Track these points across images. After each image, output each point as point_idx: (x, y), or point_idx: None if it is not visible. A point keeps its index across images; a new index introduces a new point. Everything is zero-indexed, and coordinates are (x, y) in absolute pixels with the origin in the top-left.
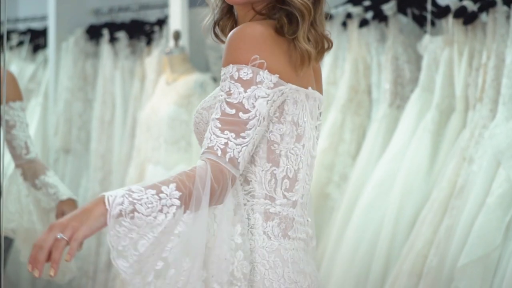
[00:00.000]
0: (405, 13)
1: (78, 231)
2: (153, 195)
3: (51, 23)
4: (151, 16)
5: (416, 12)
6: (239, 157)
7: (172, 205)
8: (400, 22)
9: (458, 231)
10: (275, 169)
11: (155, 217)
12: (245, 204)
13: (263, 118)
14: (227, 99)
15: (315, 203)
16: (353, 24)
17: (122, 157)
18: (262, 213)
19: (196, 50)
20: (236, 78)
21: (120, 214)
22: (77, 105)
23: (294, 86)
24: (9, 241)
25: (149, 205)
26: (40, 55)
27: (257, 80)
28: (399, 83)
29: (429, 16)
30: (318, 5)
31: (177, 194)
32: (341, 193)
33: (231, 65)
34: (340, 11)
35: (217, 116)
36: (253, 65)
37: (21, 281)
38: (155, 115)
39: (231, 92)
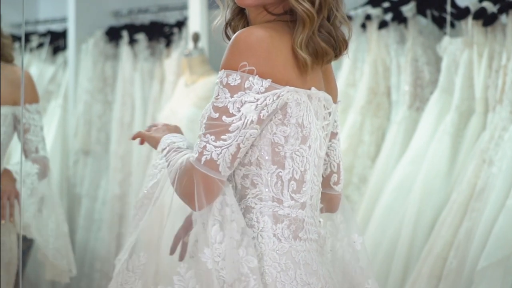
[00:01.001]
0: (424, 15)
1: None
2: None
3: (71, 25)
4: (171, 18)
5: (436, 13)
6: (218, 159)
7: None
8: (419, 24)
9: (478, 234)
10: (280, 171)
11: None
12: (253, 208)
13: (251, 122)
14: (214, 103)
15: None
16: (372, 26)
17: (141, 158)
18: (271, 215)
19: (215, 52)
20: (224, 83)
21: None
22: (96, 106)
23: (292, 88)
24: (29, 242)
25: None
26: (60, 57)
27: (245, 86)
28: (418, 85)
29: (448, 18)
30: (321, 12)
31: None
32: (361, 195)
33: (223, 70)
34: (359, 13)
35: (204, 120)
36: (243, 71)
37: (40, 282)
38: (174, 117)
39: (219, 96)
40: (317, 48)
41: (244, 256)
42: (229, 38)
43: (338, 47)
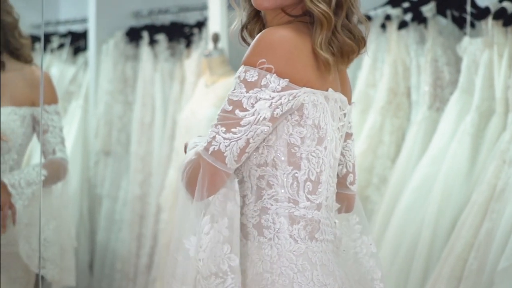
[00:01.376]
0: (444, 15)
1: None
2: None
3: (91, 25)
4: (191, 18)
5: (456, 13)
6: (225, 151)
7: None
8: (439, 24)
9: (498, 234)
10: (296, 172)
11: None
12: (269, 208)
13: (263, 118)
14: (230, 96)
15: None
16: (392, 26)
17: (162, 159)
18: (287, 216)
19: (235, 52)
20: (242, 78)
21: None
22: (117, 107)
23: (309, 89)
24: None
25: None
26: (80, 58)
27: (262, 83)
28: (438, 85)
29: (468, 18)
30: (341, 11)
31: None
32: (381, 195)
33: (242, 65)
34: (379, 13)
35: (218, 112)
36: (261, 68)
37: None
38: (194, 117)
39: (235, 90)
40: (342, 46)
41: (228, 253)
42: (245, 41)
43: (357, 45)
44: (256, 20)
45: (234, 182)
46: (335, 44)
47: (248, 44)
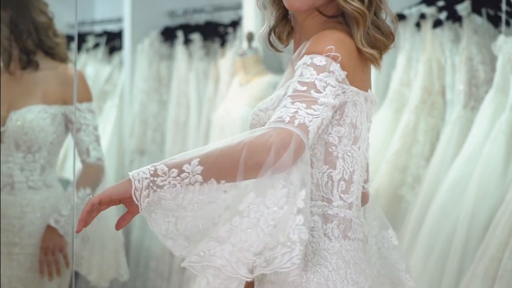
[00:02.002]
0: (479, 13)
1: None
2: (174, 177)
3: (126, 25)
4: (225, 17)
5: (491, 12)
6: (309, 125)
7: (196, 181)
8: (474, 23)
9: None
10: (331, 171)
11: (183, 198)
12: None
13: (331, 107)
14: (299, 80)
15: (388, 206)
16: (427, 25)
17: None
18: (321, 215)
19: (270, 52)
20: (309, 63)
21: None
22: (152, 106)
23: (355, 89)
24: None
25: (173, 189)
26: (116, 57)
27: (330, 69)
28: (473, 84)
29: (503, 16)
30: (371, 7)
31: (200, 169)
32: (415, 195)
33: (305, 56)
34: (413, 12)
35: (288, 94)
36: (327, 55)
37: None
38: (229, 117)
39: (303, 75)
40: (375, 42)
41: (300, 224)
42: (272, 45)
43: (387, 40)
44: (285, 23)
45: (308, 156)
46: (369, 41)
47: (275, 49)
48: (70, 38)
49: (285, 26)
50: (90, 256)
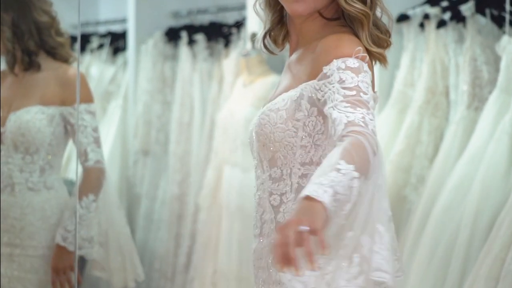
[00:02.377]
0: (483, 14)
1: (314, 222)
2: (337, 176)
3: (130, 25)
4: (230, 18)
5: (495, 12)
6: (375, 131)
7: (354, 177)
8: (478, 23)
9: None
10: None
11: (349, 194)
12: None
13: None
14: (342, 86)
15: (392, 206)
16: (431, 25)
17: (200, 159)
18: None
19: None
20: (344, 67)
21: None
22: (156, 107)
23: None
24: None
25: (341, 184)
26: (120, 58)
27: (364, 69)
28: (477, 84)
29: (507, 17)
30: (372, 6)
31: (352, 166)
32: (418, 195)
33: (334, 60)
34: (417, 12)
35: (339, 100)
36: (357, 57)
37: (101, 281)
38: (232, 117)
39: (344, 79)
40: (379, 41)
41: None
42: (267, 49)
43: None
44: (281, 27)
45: None
46: (373, 40)
47: (270, 52)
48: (73, 39)
49: (281, 30)
50: (110, 261)
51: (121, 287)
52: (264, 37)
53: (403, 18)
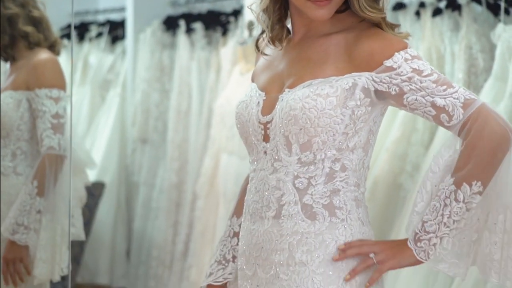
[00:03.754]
0: (479, 2)
1: (387, 261)
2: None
3: (129, 14)
4: (227, 6)
5: (490, 0)
6: None
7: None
8: (473, 11)
9: None
10: (365, 158)
11: (442, 215)
12: (340, 190)
13: None
14: (423, 74)
15: (388, 193)
16: (426, 13)
17: (198, 147)
18: (354, 199)
19: None
20: (410, 58)
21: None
22: (154, 95)
23: None
24: (101, 186)
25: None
26: (118, 46)
27: (422, 57)
28: (472, 72)
29: (503, 5)
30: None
31: (477, 196)
32: (414, 183)
33: (396, 53)
34: (413, 1)
35: (432, 87)
36: (410, 47)
37: (99, 269)
38: (229, 105)
39: (418, 68)
40: (394, 28)
41: None
42: (258, 49)
43: None
44: (281, 26)
45: None
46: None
47: (262, 52)
48: (70, 27)
49: (282, 29)
50: (40, 250)
51: (45, 279)
52: (259, 38)
53: (399, 6)
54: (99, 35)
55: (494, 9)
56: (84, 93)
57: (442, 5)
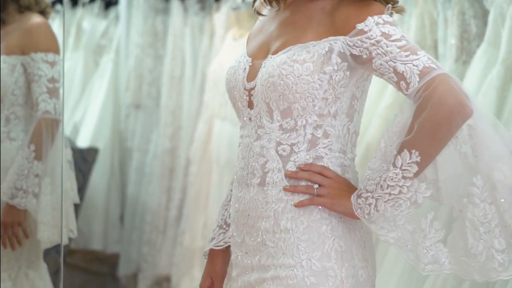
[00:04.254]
0: None
1: (324, 198)
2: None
3: None
4: None
5: None
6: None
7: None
8: None
9: None
10: (350, 124)
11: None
12: (323, 157)
13: None
14: (391, 39)
15: None
16: None
17: (191, 112)
18: (339, 165)
19: None
20: (382, 22)
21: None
22: (147, 61)
23: None
24: (94, 151)
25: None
26: (112, 12)
27: (398, 25)
28: (465, 38)
29: None
30: None
31: (414, 166)
32: None
33: (369, 17)
34: None
35: (396, 52)
36: (388, 14)
37: (93, 234)
38: (222, 71)
39: (388, 33)
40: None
41: None
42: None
43: None
44: None
45: None
46: None
47: (259, 13)
48: None
49: None
50: (42, 214)
51: (50, 242)
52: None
53: None
54: (92, 0)
55: None
56: (78, 59)
57: None
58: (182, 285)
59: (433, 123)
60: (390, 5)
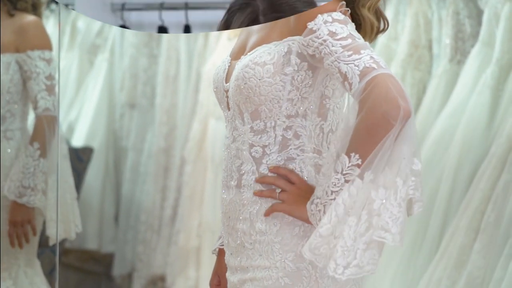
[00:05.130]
0: None
1: (284, 204)
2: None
3: None
4: None
5: None
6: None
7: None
8: None
9: None
10: (323, 123)
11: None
12: (295, 158)
13: None
14: (335, 38)
15: None
16: None
17: (186, 112)
18: (313, 165)
19: None
20: (331, 20)
21: None
22: (142, 60)
23: None
24: (89, 151)
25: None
26: None
27: (350, 21)
28: (459, 38)
29: None
30: None
31: (356, 168)
32: None
33: (318, 15)
34: None
35: (340, 51)
36: (340, 11)
37: (88, 234)
38: None
39: (334, 31)
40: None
41: None
42: None
43: None
44: None
45: None
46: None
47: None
48: None
49: None
50: (50, 210)
51: (60, 237)
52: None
53: None
54: None
55: None
56: (72, 58)
57: None
58: (177, 284)
59: (368, 127)
60: (343, 1)
